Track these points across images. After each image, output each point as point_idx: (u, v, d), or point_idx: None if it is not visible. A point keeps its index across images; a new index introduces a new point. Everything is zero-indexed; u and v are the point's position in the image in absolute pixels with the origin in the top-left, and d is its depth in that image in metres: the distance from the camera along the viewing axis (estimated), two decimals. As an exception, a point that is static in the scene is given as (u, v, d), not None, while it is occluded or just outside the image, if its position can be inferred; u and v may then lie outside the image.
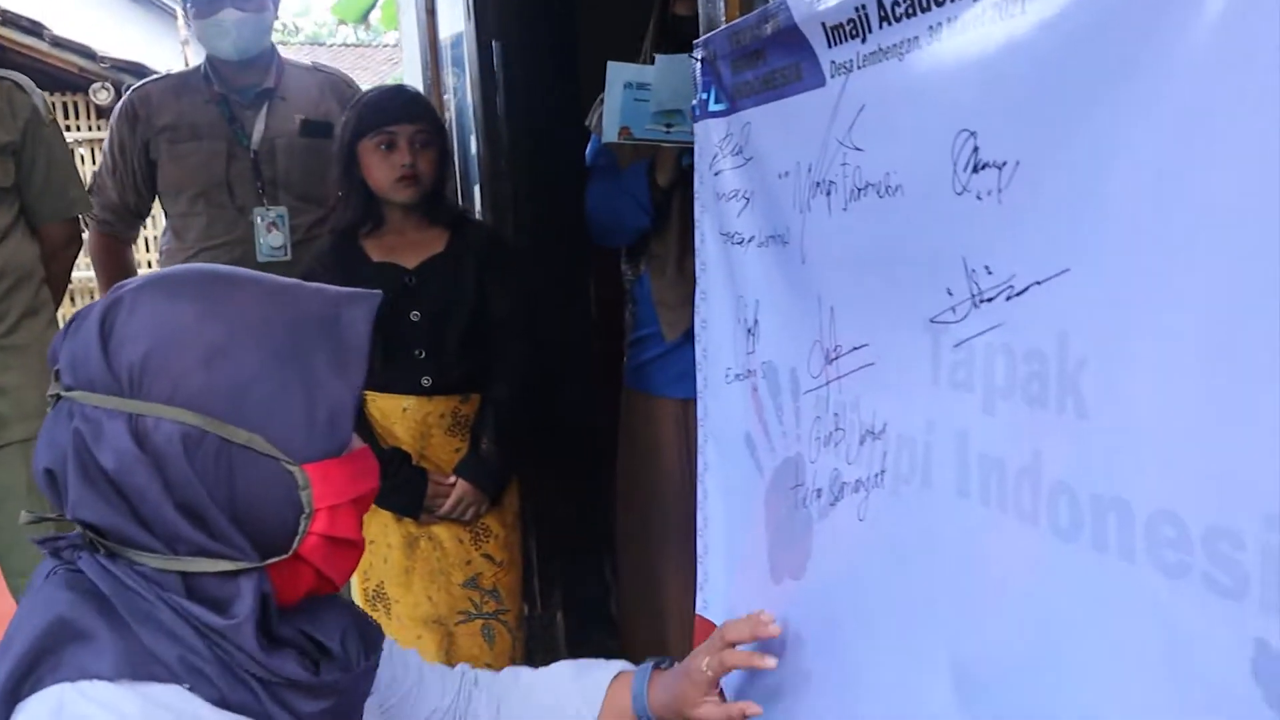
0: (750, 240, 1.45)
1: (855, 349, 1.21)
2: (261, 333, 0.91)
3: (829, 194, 1.22)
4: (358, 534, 0.98)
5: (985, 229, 0.96)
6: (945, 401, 1.03)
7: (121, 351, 0.89)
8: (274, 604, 0.93)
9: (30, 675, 0.87)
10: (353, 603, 1.10)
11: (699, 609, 1.64)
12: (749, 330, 1.46)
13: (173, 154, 2.87)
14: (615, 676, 1.35)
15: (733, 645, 1.28)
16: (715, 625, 1.58)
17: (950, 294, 1.02)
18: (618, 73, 2.26)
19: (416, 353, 2.41)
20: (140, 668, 0.88)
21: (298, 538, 0.92)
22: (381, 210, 2.53)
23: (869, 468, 1.15)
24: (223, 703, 0.90)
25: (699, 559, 1.63)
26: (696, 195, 1.60)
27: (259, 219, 2.89)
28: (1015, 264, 0.93)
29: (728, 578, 1.55)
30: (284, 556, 0.92)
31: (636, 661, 1.40)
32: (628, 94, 2.28)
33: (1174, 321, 0.76)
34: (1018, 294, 0.93)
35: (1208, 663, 0.75)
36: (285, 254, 2.92)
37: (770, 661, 1.23)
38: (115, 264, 3.04)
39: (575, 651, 3.17)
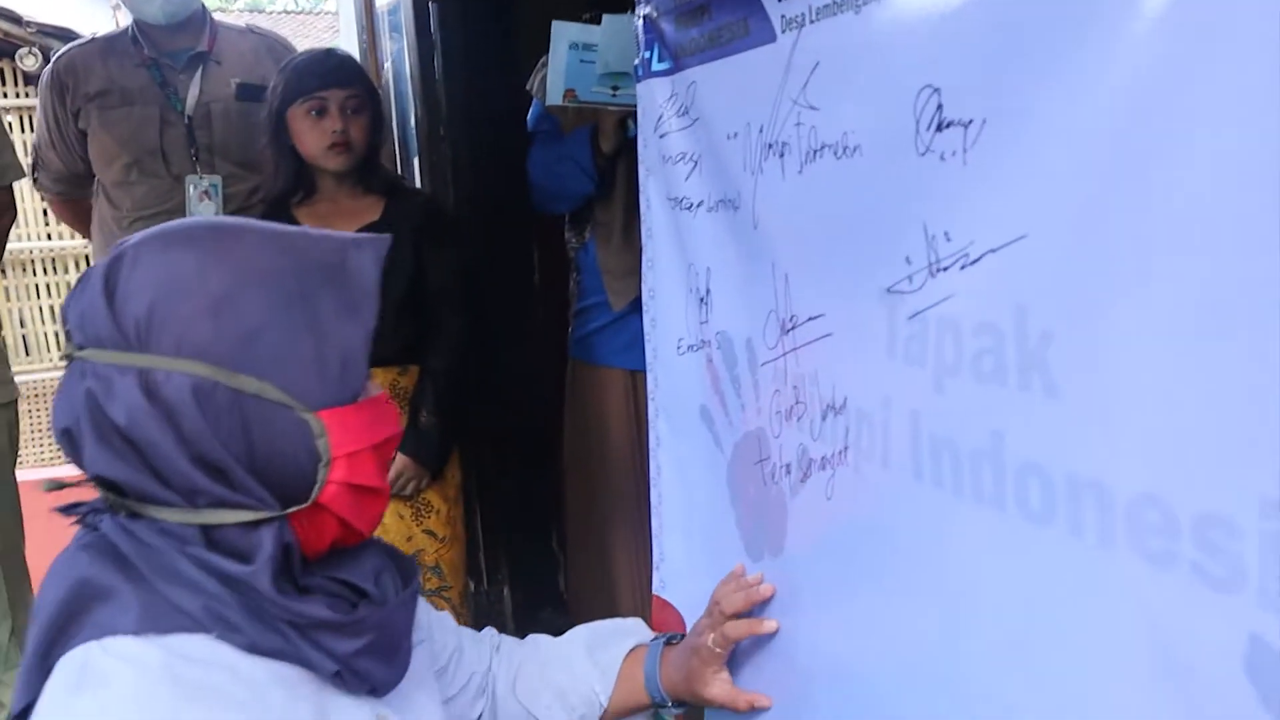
0: (699, 205, 1.39)
1: (812, 319, 1.15)
2: (268, 280, 0.90)
3: (782, 156, 1.16)
4: (380, 481, 0.97)
5: (948, 192, 0.91)
6: (900, 377, 0.98)
7: (127, 306, 0.88)
8: (297, 552, 0.92)
9: (59, 639, 0.87)
10: (387, 543, 1.07)
11: (656, 588, 1.59)
12: (701, 299, 1.40)
13: (103, 120, 2.75)
14: (629, 652, 1.33)
15: (731, 617, 1.27)
16: (672, 605, 1.53)
17: (909, 262, 0.97)
18: (562, 32, 2.18)
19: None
20: (164, 620, 0.88)
21: (317, 486, 0.91)
22: (313, 178, 2.46)
23: (833, 444, 1.10)
24: (253, 648, 0.90)
25: (654, 536, 1.58)
26: (641, 159, 1.53)
27: (191, 188, 2.78)
28: (974, 230, 0.88)
29: (688, 557, 1.50)
30: (305, 505, 0.91)
31: None
32: (573, 55, 2.20)
33: (1154, 291, 0.71)
34: (972, 263, 0.88)
35: (1195, 659, 0.71)
36: None
37: (771, 624, 1.22)
38: (88, 215, 2.94)
39: (523, 628, 3.12)
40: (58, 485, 0.98)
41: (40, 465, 5.95)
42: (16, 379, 2.78)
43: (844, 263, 1.07)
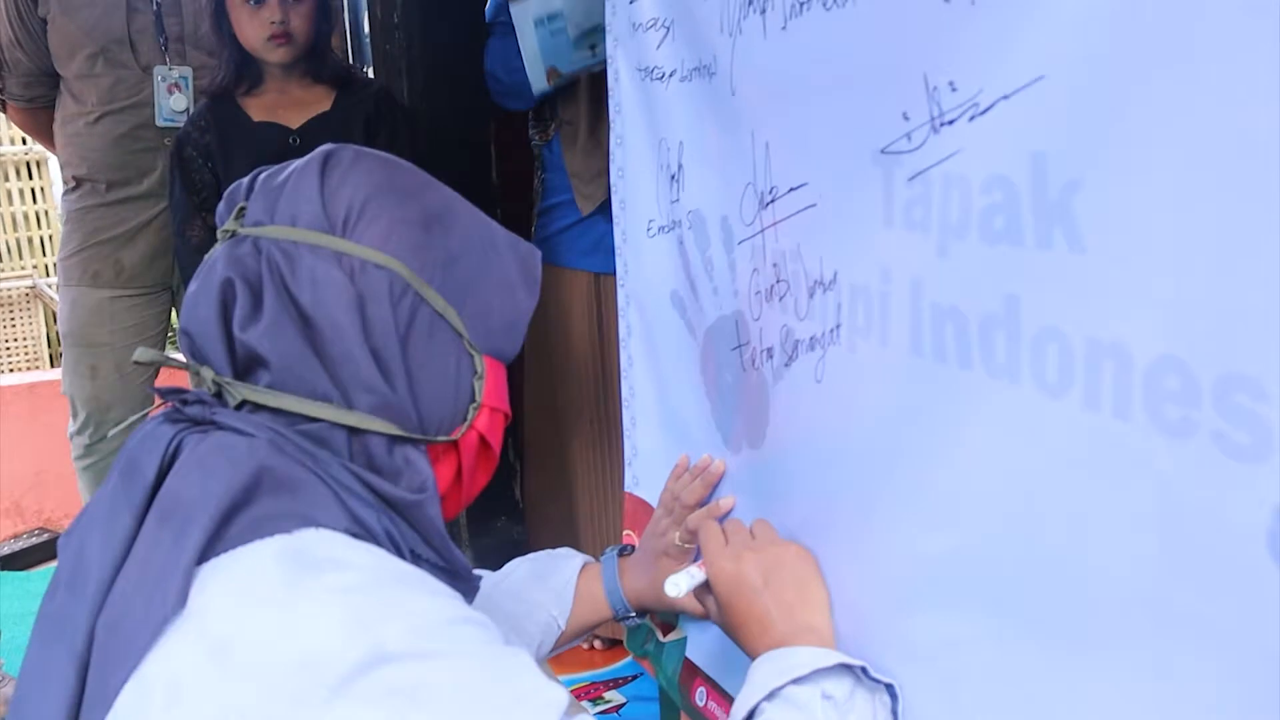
0: (671, 75, 1.29)
1: (794, 189, 1.07)
2: (474, 220, 0.95)
3: (764, 12, 1.07)
4: (497, 452, 0.98)
5: (953, 37, 0.82)
6: (899, 245, 0.90)
7: (341, 192, 0.89)
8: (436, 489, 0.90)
9: (226, 532, 0.79)
10: None
11: (628, 485, 1.52)
12: (672, 177, 1.31)
13: (65, 7, 2.58)
14: (580, 571, 1.31)
15: (692, 508, 1.26)
16: (646, 501, 1.47)
17: (906, 118, 0.88)
18: (524, 13, 2.05)
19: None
20: (359, 528, 0.84)
21: (465, 424, 0.92)
22: (259, 68, 2.34)
23: (823, 323, 1.03)
24: None
25: (625, 433, 1.51)
26: (609, 27, 1.43)
27: (160, 79, 2.63)
28: (983, 76, 0.79)
29: (663, 451, 1.43)
30: (448, 438, 0.92)
31: (544, 546, 1.37)
32: (541, 32, 2.08)
33: (1186, 133, 0.63)
34: (982, 112, 0.80)
35: (1214, 535, 0.65)
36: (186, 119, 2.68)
37: (729, 501, 1.24)
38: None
39: (479, 539, 3.06)
40: (163, 360, 0.90)
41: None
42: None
43: (831, 126, 0.98)
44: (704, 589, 1.11)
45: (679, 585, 1.11)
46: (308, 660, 0.71)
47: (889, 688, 0.96)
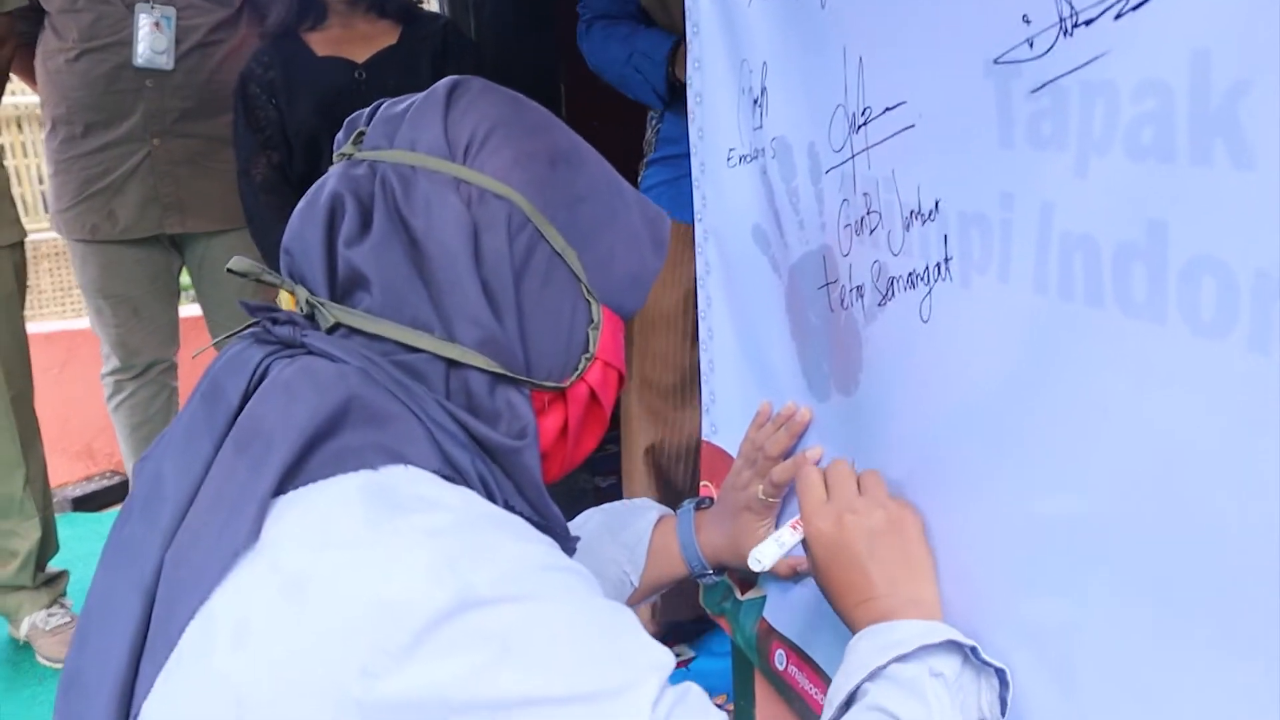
0: (753, -12, 1.18)
1: (889, 109, 0.96)
2: (602, 166, 0.90)
3: (858, -91, 0.96)
4: (608, 412, 0.93)
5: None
6: (1024, 167, 0.79)
7: (465, 119, 0.85)
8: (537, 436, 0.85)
9: (307, 464, 0.74)
10: None
11: (706, 434, 1.43)
12: (755, 101, 1.20)
13: None
14: (654, 525, 1.23)
15: (777, 459, 1.17)
16: (725, 451, 1.38)
17: (1027, 21, 0.77)
18: None
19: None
20: (451, 469, 0.79)
21: (575, 374, 0.87)
22: (323, 3, 2.28)
23: (925, 256, 0.92)
24: None
25: (703, 377, 1.42)
26: (684, -60, 1.32)
27: (143, 17, 2.57)
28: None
29: (743, 398, 1.33)
30: (556, 385, 0.86)
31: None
32: None
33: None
34: (1134, 7, 0.68)
35: None
36: (168, 61, 2.63)
37: (817, 451, 1.14)
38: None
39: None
40: (258, 272, 0.85)
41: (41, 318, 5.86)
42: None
43: (934, 35, 0.88)
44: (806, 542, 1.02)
45: (763, 559, 1.02)
46: (390, 603, 0.66)
47: (999, 673, 0.87)
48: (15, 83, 2.88)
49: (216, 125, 2.75)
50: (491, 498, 0.81)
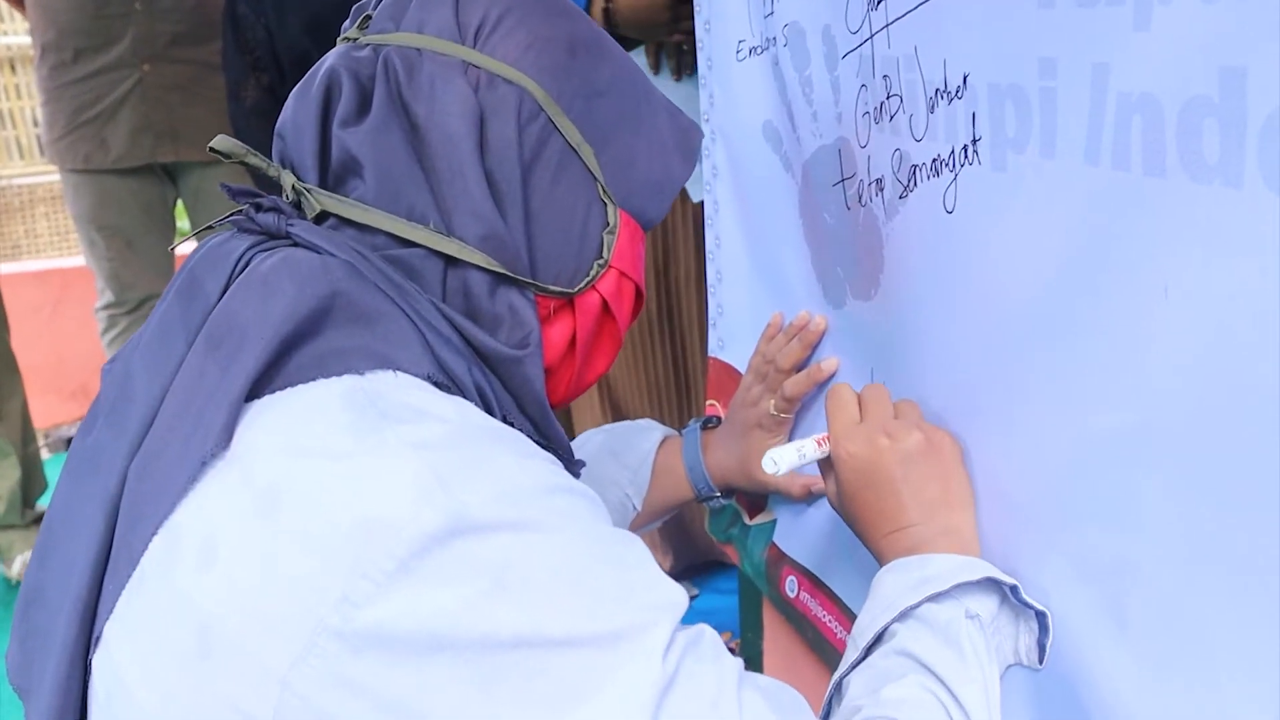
0: None
1: (913, -17, 0.88)
2: (629, 64, 0.84)
3: None
4: (623, 329, 0.86)
5: None
6: (1069, 26, 0.71)
7: (477, 2, 0.78)
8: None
9: (285, 366, 0.67)
10: None
11: (712, 349, 1.36)
12: (765, -14, 1.12)
13: None
14: (658, 445, 1.17)
15: (790, 372, 1.10)
16: (733, 367, 1.30)
17: None
18: None
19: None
20: (445, 374, 0.72)
21: (586, 280, 0.80)
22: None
23: (951, 139, 0.84)
24: None
25: (710, 289, 1.34)
26: None
27: None
28: None
29: (753, 308, 1.25)
30: (563, 290, 0.79)
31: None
32: None
33: None
34: None
35: None
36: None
37: (833, 363, 1.07)
38: None
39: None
40: (243, 153, 0.78)
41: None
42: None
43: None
44: (824, 464, 0.94)
45: (779, 461, 0.93)
46: (373, 523, 0.60)
47: (1040, 616, 0.80)
48: (7, 22, 2.85)
49: (208, 51, 2.69)
50: (490, 411, 0.74)
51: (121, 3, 2.68)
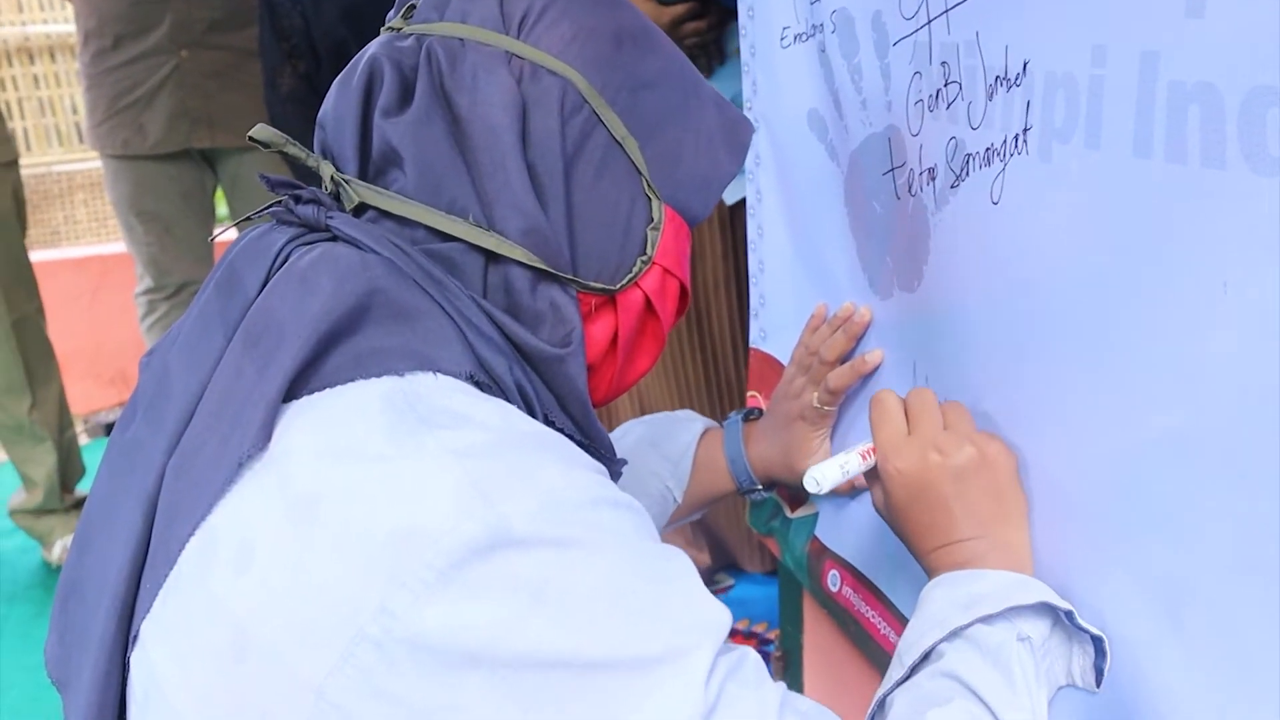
0: None
1: (972, -34, 0.86)
2: (678, 56, 0.82)
3: None
4: (667, 327, 0.84)
5: None
6: (1124, 12, 0.69)
7: None
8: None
9: (323, 365, 0.67)
10: None
11: (754, 340, 1.34)
12: (813, -30, 1.10)
13: None
14: (699, 437, 1.15)
15: (834, 364, 1.09)
16: (775, 359, 1.29)
17: None
18: None
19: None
20: (487, 374, 0.71)
21: (629, 277, 0.78)
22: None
23: (1005, 127, 0.82)
24: None
25: (752, 279, 1.32)
26: None
27: None
28: None
29: (796, 299, 1.24)
30: (605, 287, 0.77)
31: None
32: None
33: None
34: None
35: None
36: None
37: (877, 355, 1.05)
38: None
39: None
40: (282, 143, 0.76)
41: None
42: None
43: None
44: (870, 473, 0.92)
45: (821, 481, 0.90)
46: (412, 532, 0.59)
47: (1096, 641, 0.77)
48: (48, 10, 2.89)
49: (245, 37, 2.71)
50: (531, 411, 0.73)
51: None
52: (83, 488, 2.78)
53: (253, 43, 2.54)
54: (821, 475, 0.90)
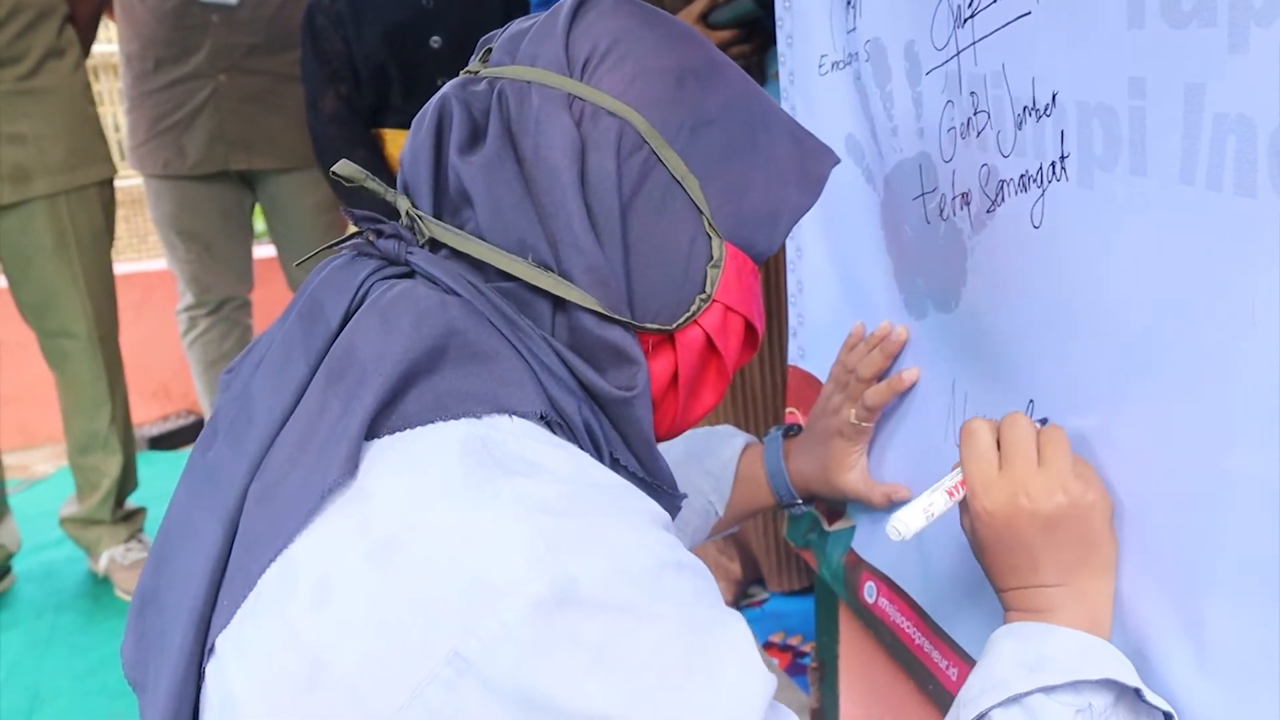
0: (847, -121, 1.11)
1: None
2: (747, 88, 0.81)
3: None
4: (731, 368, 0.84)
5: None
6: (1162, 47, 0.72)
7: (588, 33, 0.79)
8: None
9: (403, 404, 0.69)
10: None
11: (792, 358, 1.38)
12: (848, 2, 1.13)
13: None
14: (740, 452, 1.18)
15: (871, 381, 1.11)
16: (815, 376, 1.32)
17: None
18: None
19: (439, 82, 2.11)
20: (559, 417, 0.74)
21: (687, 315, 0.78)
22: (390, -70, 2.22)
23: (1039, 155, 0.85)
24: None
25: (790, 299, 1.36)
26: None
27: None
28: None
29: (834, 318, 1.27)
30: (659, 327, 0.78)
31: None
32: None
33: None
34: None
35: None
36: None
37: (914, 373, 1.08)
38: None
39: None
40: (361, 179, 0.80)
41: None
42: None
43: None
44: (963, 504, 0.88)
45: (903, 530, 0.86)
46: (484, 583, 0.62)
47: (1167, 716, 0.77)
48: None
49: (283, 62, 2.75)
50: (597, 449, 0.76)
51: (199, 14, 2.76)
52: (132, 501, 2.83)
53: (290, 67, 2.58)
54: (904, 525, 0.86)
